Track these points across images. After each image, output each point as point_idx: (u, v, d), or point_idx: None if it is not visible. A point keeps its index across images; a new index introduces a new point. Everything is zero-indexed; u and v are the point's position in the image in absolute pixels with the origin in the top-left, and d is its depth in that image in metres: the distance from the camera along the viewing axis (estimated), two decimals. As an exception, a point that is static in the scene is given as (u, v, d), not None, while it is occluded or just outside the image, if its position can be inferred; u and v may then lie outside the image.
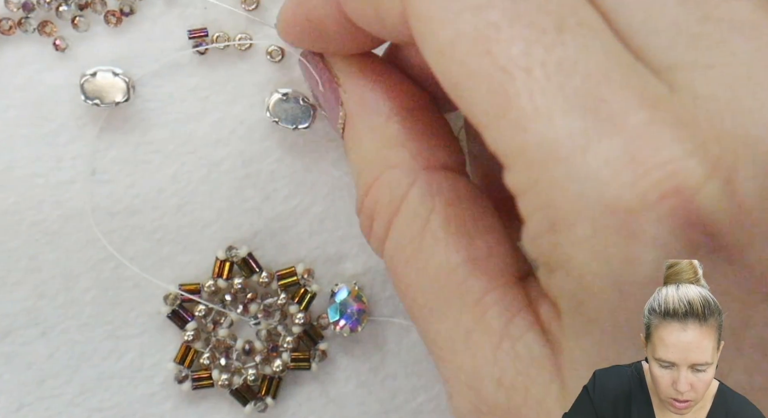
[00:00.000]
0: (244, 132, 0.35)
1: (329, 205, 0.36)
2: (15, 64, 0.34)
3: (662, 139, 0.21)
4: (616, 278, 0.21)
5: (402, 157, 0.29)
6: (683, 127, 0.21)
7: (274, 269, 0.36)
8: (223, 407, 0.36)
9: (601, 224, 0.21)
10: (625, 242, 0.21)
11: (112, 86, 0.34)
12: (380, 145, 0.29)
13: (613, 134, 0.21)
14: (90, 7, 0.34)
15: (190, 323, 0.35)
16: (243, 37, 0.35)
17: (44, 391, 0.35)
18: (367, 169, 0.29)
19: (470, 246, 0.27)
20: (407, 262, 0.28)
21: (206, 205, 0.35)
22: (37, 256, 0.35)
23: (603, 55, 0.22)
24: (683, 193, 0.21)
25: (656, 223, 0.21)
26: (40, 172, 0.34)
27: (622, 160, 0.21)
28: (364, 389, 0.36)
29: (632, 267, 0.21)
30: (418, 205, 0.28)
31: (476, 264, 0.26)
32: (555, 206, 0.22)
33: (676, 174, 0.21)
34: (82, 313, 0.35)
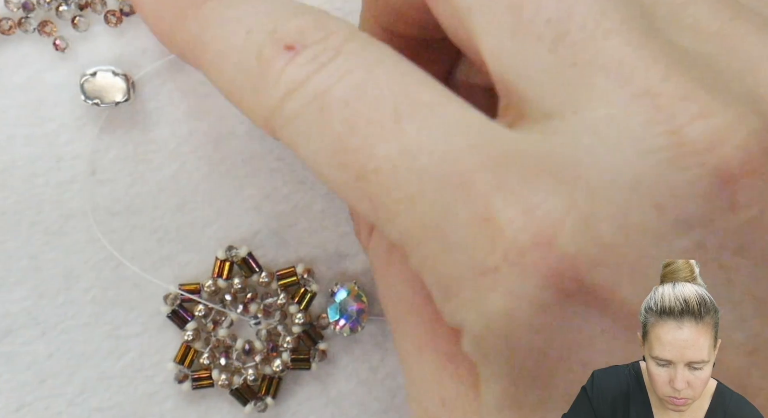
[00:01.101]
0: (244, 132, 0.35)
1: (329, 205, 0.36)
2: (15, 64, 0.34)
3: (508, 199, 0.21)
4: (500, 332, 0.22)
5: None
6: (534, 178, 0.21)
7: (274, 268, 0.36)
8: (223, 407, 0.36)
9: (478, 286, 0.21)
10: (500, 299, 0.21)
11: (112, 86, 0.34)
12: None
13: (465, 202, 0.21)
14: (90, 7, 0.34)
15: (190, 323, 0.35)
16: (243, 37, 0.35)
17: (44, 391, 0.35)
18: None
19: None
20: (379, 273, 0.28)
21: (206, 205, 0.35)
22: (37, 256, 0.35)
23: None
24: (540, 244, 0.21)
25: (521, 278, 0.21)
26: (40, 173, 0.35)
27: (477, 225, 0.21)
28: (364, 388, 0.36)
29: (511, 321, 0.21)
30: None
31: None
32: (442, 278, 0.22)
33: (527, 228, 0.21)
34: (82, 313, 0.35)
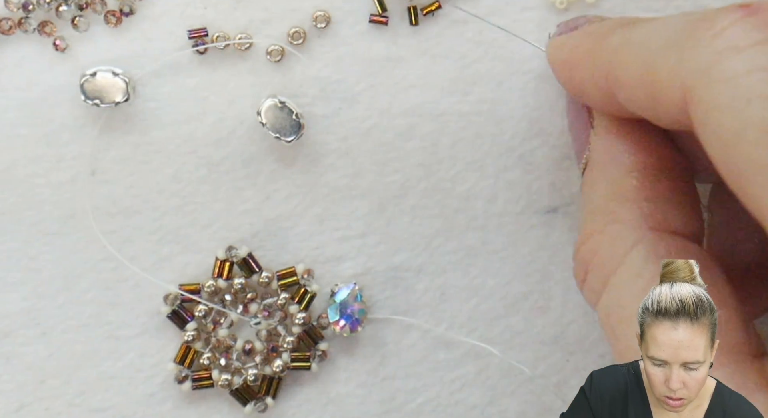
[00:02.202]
0: (244, 132, 0.35)
1: (329, 206, 0.36)
2: (15, 64, 0.34)
3: None
4: None
5: (631, 214, 0.28)
6: None
7: (274, 269, 0.36)
8: (223, 407, 0.36)
9: None
10: None
11: (112, 86, 0.34)
12: (612, 197, 0.28)
13: None
14: (90, 7, 0.34)
15: (190, 323, 0.35)
16: (243, 37, 0.35)
17: (44, 391, 0.35)
18: (593, 218, 0.29)
19: None
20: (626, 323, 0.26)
21: (206, 205, 0.35)
22: (37, 256, 0.35)
23: None
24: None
25: None
26: (40, 172, 0.35)
27: None
28: (364, 389, 0.36)
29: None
30: (641, 266, 0.27)
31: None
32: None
33: None
34: (82, 313, 0.35)
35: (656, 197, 0.28)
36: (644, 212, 0.28)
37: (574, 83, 0.30)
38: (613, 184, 0.29)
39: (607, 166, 0.29)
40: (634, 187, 0.28)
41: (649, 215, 0.28)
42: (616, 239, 0.27)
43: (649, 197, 0.28)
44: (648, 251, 0.27)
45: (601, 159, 0.29)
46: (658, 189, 0.28)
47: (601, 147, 0.29)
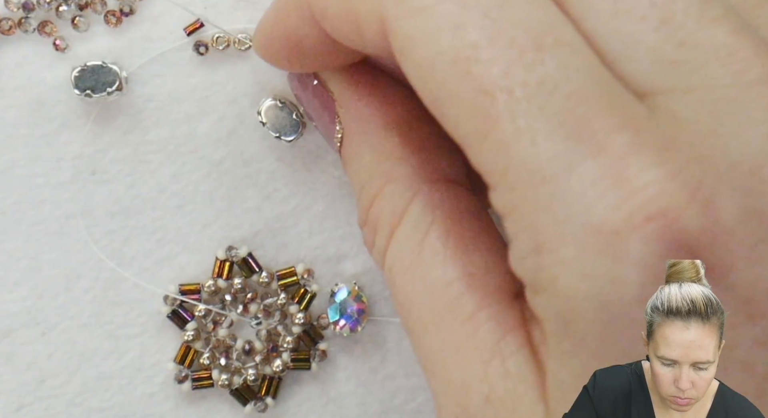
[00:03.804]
0: (244, 132, 0.35)
1: (329, 205, 0.36)
2: (15, 64, 0.34)
3: (645, 161, 0.21)
4: (602, 298, 0.21)
5: (403, 171, 0.28)
6: (664, 150, 0.21)
7: (274, 269, 0.36)
8: (223, 407, 0.36)
9: (587, 246, 0.21)
10: (611, 263, 0.21)
11: (104, 77, 0.34)
12: (381, 159, 0.29)
13: (596, 156, 0.21)
14: (90, 7, 0.34)
15: (190, 323, 0.35)
16: (243, 37, 0.35)
17: (44, 391, 0.35)
18: (369, 184, 0.29)
19: (467, 261, 0.26)
20: (404, 274, 0.27)
21: (206, 205, 0.35)
22: (37, 256, 0.35)
23: (583, 75, 0.22)
24: (667, 215, 0.21)
25: (642, 245, 0.21)
26: (40, 172, 0.34)
27: (606, 182, 0.21)
28: (364, 389, 0.36)
29: (618, 287, 0.21)
30: (418, 218, 0.27)
31: (472, 279, 0.26)
32: (539, 228, 0.22)
33: (659, 196, 0.21)
34: (82, 313, 0.35)
35: (422, 148, 0.29)
36: (414, 165, 0.28)
37: (293, 43, 0.29)
38: (378, 148, 0.29)
39: (365, 133, 0.29)
40: (398, 144, 0.29)
41: (420, 167, 0.28)
42: (395, 196, 0.28)
43: (415, 150, 0.29)
44: (424, 203, 0.27)
45: (356, 129, 0.30)
46: (422, 139, 0.29)
47: (352, 117, 0.30)
